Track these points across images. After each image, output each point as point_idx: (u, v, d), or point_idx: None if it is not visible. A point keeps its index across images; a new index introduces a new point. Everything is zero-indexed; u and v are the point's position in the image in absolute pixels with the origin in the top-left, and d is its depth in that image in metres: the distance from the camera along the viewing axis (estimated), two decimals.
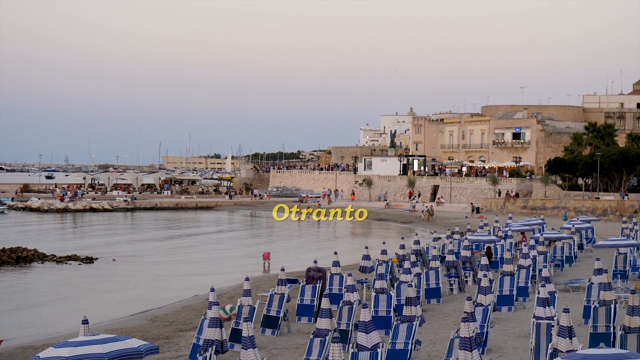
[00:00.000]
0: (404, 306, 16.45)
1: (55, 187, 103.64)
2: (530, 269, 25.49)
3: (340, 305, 19.08)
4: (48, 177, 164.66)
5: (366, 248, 28.46)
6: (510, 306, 23.09)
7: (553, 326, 15.29)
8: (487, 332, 17.54)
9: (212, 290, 15.79)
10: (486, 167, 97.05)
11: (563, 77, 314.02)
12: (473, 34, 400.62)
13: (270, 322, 20.69)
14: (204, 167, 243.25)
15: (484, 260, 21.96)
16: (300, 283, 24.08)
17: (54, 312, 28.97)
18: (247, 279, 19.92)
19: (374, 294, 20.64)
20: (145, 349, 10.75)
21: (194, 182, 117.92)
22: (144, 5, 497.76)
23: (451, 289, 27.66)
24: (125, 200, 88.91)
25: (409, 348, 15.51)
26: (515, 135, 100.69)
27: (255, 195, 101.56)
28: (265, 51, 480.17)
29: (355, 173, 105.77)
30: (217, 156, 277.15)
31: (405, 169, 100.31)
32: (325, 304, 15.50)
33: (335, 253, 24.98)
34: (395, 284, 23.07)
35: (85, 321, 11.31)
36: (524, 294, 24.40)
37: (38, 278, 37.27)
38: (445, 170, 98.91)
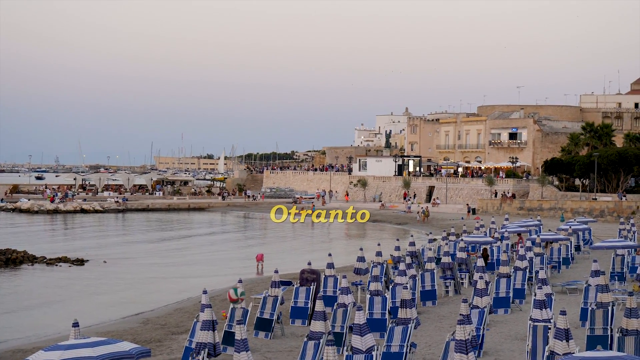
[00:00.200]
0: (399, 308, 16.52)
1: (46, 188, 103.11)
2: (527, 270, 25.45)
3: (334, 307, 19.01)
4: (38, 178, 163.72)
5: (361, 250, 28.36)
6: (507, 308, 23.05)
7: (550, 329, 15.24)
8: (483, 335, 17.50)
9: (205, 292, 15.72)
10: (482, 168, 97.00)
11: (560, 77, 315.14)
12: (469, 34, 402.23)
13: (263, 325, 20.59)
14: (196, 168, 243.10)
15: (480, 262, 21.86)
16: (294, 285, 23.94)
17: (44, 315, 28.73)
18: (240, 281, 19.88)
19: (368, 296, 20.59)
20: (136, 352, 10.71)
21: (186, 183, 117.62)
22: (135, 4, 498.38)
23: (447, 291, 27.58)
24: (117, 202, 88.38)
25: (404, 351, 15.62)
26: (512, 136, 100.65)
27: (249, 196, 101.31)
28: (258, 51, 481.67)
29: (349, 174, 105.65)
30: (210, 156, 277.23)
31: (400, 169, 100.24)
32: (319, 306, 15.53)
33: (330, 255, 24.91)
34: (390, 286, 23.05)
35: (75, 324, 11.27)
36: (521, 296, 24.35)
37: (28, 280, 37.05)
38: (440, 170, 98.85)
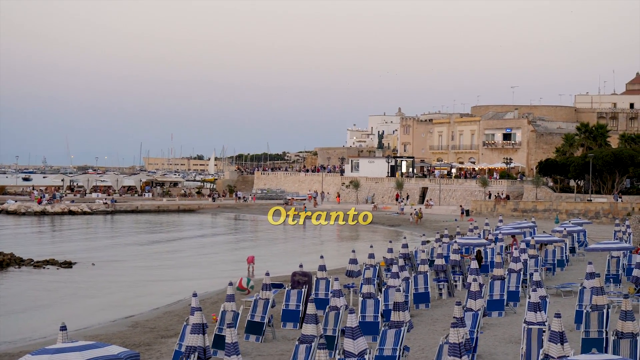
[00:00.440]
0: (392, 311, 16.53)
1: (33, 190, 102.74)
2: (521, 273, 25.38)
3: (326, 310, 18.91)
4: (25, 179, 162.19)
5: (353, 252, 28.20)
6: (501, 311, 22.98)
7: (544, 331, 15.25)
8: (477, 338, 17.38)
9: (195, 295, 15.62)
10: (476, 169, 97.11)
11: (555, 77, 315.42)
12: (463, 34, 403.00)
13: (254, 328, 20.46)
14: (186, 169, 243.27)
15: (474, 264, 21.77)
16: (285, 288, 23.83)
17: (31, 319, 28.54)
18: (231, 284, 19.72)
19: (361, 298, 20.46)
20: (125, 356, 10.58)
21: (176, 184, 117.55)
22: (124, 3, 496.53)
23: (440, 294, 27.48)
24: (105, 203, 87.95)
25: (397, 354, 15.66)
26: (506, 136, 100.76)
27: (240, 198, 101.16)
28: (249, 50, 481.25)
29: (342, 175, 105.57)
30: (200, 157, 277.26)
31: (393, 170, 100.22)
32: (311, 309, 15.50)
33: (322, 257, 24.83)
34: (383, 289, 22.97)
35: (63, 327, 11.13)
36: (515, 299, 24.28)
37: (15, 283, 36.83)
38: (434, 171, 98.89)
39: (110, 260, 45.46)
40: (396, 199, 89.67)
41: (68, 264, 41.84)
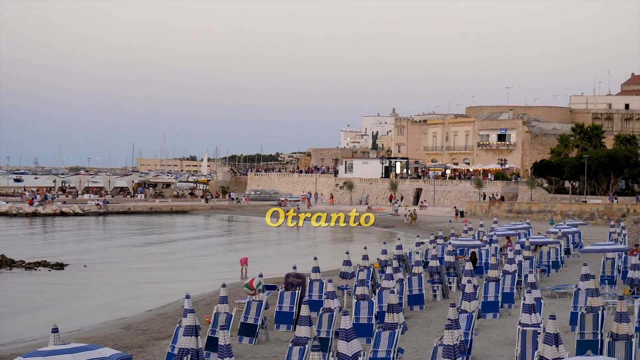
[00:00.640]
0: (386, 313, 16.50)
1: (24, 191, 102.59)
2: (516, 274, 25.34)
3: (320, 312, 18.86)
4: (17, 180, 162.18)
5: (347, 253, 28.13)
6: (495, 313, 22.95)
7: (539, 333, 15.19)
8: (472, 340, 17.38)
9: (188, 297, 15.51)
10: (470, 170, 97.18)
11: (549, 78, 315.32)
12: (457, 35, 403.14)
13: (247, 330, 20.40)
14: (179, 170, 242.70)
15: (468, 266, 21.71)
16: (278, 289, 23.73)
17: (23, 321, 28.34)
18: (224, 286, 19.65)
19: (355, 300, 20.40)
20: (117, 359, 10.50)
21: (168, 185, 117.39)
22: (116, 5, 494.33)
23: (434, 296, 27.43)
24: (97, 204, 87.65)
25: (391, 356, 15.67)
26: (501, 137, 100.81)
27: (233, 199, 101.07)
28: (242, 52, 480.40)
29: (335, 176, 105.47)
30: (193, 158, 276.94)
31: (387, 171, 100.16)
32: (304, 311, 15.40)
33: (315, 258, 24.78)
34: (377, 291, 22.91)
35: (55, 330, 11.08)
36: (510, 301, 24.24)
37: (6, 285, 36.56)
38: (428, 172, 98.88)
39: (102, 262, 45.25)
40: (390, 200, 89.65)
41: (60, 266, 41.63)
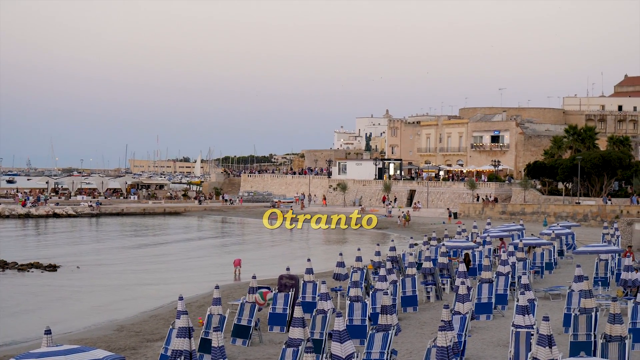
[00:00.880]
0: (380, 315, 16.46)
1: (17, 192, 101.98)
2: (509, 276, 25.29)
3: (313, 314, 18.82)
4: (9, 182, 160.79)
5: (340, 255, 28.11)
6: (489, 314, 22.91)
7: (532, 335, 15.17)
8: (465, 341, 17.35)
9: (181, 298, 15.47)
10: (464, 171, 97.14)
11: (543, 79, 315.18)
12: (451, 37, 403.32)
13: (241, 332, 20.34)
14: (172, 171, 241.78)
15: (462, 267, 21.66)
16: (272, 291, 23.58)
17: (16, 322, 28.18)
18: (217, 287, 19.60)
19: (348, 302, 20.37)
20: None
21: (161, 187, 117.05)
22: (110, 7, 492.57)
23: (428, 297, 27.40)
24: (90, 206, 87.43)
25: (385, 358, 15.58)
26: (494, 139, 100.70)
27: (226, 200, 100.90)
28: (236, 53, 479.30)
29: (329, 177, 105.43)
30: (186, 159, 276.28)
31: (380, 173, 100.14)
32: (298, 312, 15.36)
33: (309, 260, 24.73)
34: (371, 292, 22.88)
35: (48, 331, 11.02)
36: (503, 302, 24.22)
37: None
38: (422, 174, 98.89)
39: (95, 264, 45.08)
40: (383, 202, 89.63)
41: (53, 268, 41.46)
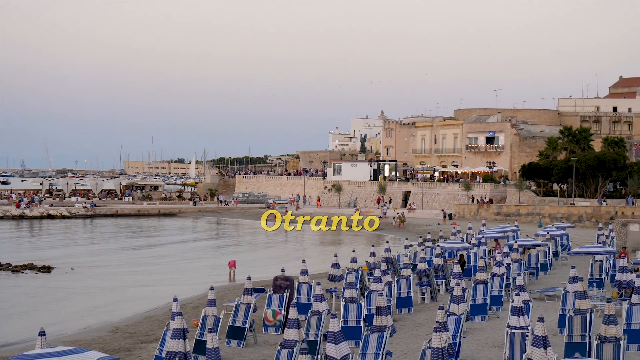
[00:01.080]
0: (375, 316, 16.45)
1: (11, 193, 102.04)
2: (504, 277, 25.30)
3: (308, 315, 18.74)
4: (3, 183, 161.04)
5: (335, 256, 28.09)
6: (484, 315, 22.90)
7: (527, 336, 15.26)
8: (460, 343, 17.33)
9: (176, 300, 15.45)
10: (459, 172, 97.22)
11: (538, 80, 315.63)
12: (446, 39, 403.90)
13: (235, 333, 20.29)
14: (167, 172, 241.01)
15: (457, 268, 21.63)
16: (267, 292, 23.64)
17: (9, 324, 28.12)
18: (212, 289, 19.59)
19: (343, 303, 20.37)
20: None
21: (156, 188, 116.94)
22: (103, 9, 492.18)
23: (423, 298, 27.38)
24: (85, 207, 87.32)
25: (380, 359, 15.47)
26: (489, 140, 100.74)
27: (221, 202, 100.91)
28: (231, 55, 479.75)
29: (324, 178, 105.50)
30: (181, 161, 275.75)
31: (375, 174, 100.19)
32: (292, 314, 15.26)
33: (304, 261, 24.65)
34: (366, 293, 22.85)
35: (42, 333, 10.97)
36: (498, 303, 24.22)
37: None
38: (417, 175, 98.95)
39: (90, 265, 44.97)
40: (378, 203, 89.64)
41: (47, 269, 41.36)
